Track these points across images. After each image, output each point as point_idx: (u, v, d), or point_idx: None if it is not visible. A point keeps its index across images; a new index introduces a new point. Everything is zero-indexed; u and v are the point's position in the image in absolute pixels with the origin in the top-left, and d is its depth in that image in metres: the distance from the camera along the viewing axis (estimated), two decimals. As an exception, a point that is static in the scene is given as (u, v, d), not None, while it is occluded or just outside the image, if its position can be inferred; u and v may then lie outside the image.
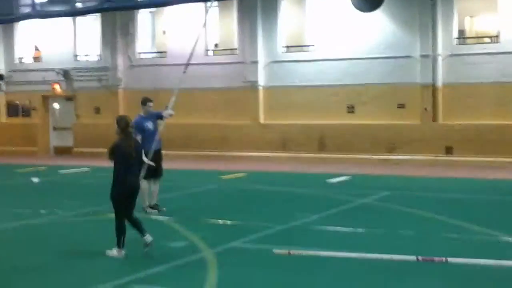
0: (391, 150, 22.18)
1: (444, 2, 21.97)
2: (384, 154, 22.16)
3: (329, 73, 23.44)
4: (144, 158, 11.69)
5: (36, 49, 29.06)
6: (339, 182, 16.71)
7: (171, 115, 12.51)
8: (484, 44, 22.11)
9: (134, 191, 8.99)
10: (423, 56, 22.09)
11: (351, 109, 23.13)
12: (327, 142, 23.06)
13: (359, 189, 15.25)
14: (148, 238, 8.79)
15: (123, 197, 8.84)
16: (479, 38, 22.54)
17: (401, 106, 22.35)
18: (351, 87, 23.10)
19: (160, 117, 12.49)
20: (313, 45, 23.90)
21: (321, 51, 23.55)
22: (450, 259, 8.02)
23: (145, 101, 12.43)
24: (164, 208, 12.20)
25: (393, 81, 22.50)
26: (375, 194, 14.22)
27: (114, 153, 8.88)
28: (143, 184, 11.99)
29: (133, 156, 8.88)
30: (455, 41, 22.10)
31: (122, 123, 9.01)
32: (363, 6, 22.91)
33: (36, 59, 28.97)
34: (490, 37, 22.22)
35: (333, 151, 22.83)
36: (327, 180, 16.90)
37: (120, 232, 8.82)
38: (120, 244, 8.80)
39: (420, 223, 10.98)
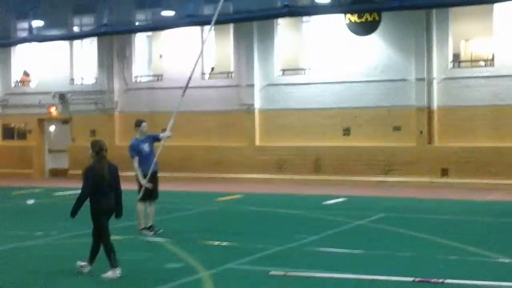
0: (387, 172, 22.22)
1: (439, 26, 22.14)
2: (380, 176, 22.19)
3: (325, 96, 23.54)
4: (142, 180, 11.77)
5: (25, 73, 29.21)
6: (335, 204, 16.70)
7: (168, 137, 12.39)
8: (479, 68, 22.23)
9: (108, 212, 9.13)
10: (418, 79, 22.21)
11: (346, 132, 23.19)
12: (323, 164, 23.09)
13: (355, 211, 15.24)
14: (87, 267, 9.02)
15: (102, 217, 9.06)
16: (474, 62, 22.68)
17: (397, 128, 22.43)
18: (346, 110, 23.19)
19: (157, 139, 12.44)
20: (309, 69, 24.03)
21: (317, 74, 23.68)
22: (446, 281, 8.01)
23: (139, 123, 12.37)
24: (160, 230, 12.15)
25: (388, 104, 22.61)
26: (371, 216, 14.21)
27: (87, 175, 8.99)
28: (139, 206, 12.02)
29: (106, 179, 9.00)
30: (450, 65, 22.25)
31: (97, 147, 9.16)
32: (358, 30, 23.12)
33: (24, 83, 29.14)
34: (485, 60, 22.36)
35: (329, 173, 22.86)
36: (323, 202, 16.88)
37: (109, 252, 8.88)
38: (113, 264, 8.80)
39: (416, 244, 10.95)
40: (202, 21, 24.53)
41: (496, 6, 21.22)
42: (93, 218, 9.07)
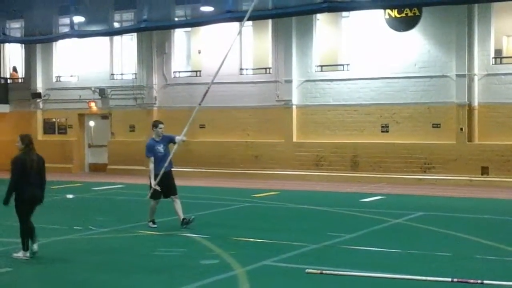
0: (425, 170, 21.95)
1: (481, 21, 21.76)
2: (418, 174, 21.94)
3: (363, 92, 23.36)
4: (153, 181, 11.93)
5: (14, 69, 30.32)
6: (372, 202, 16.57)
7: (183, 141, 12.67)
8: (521, 64, 21.82)
9: (33, 200, 9.79)
10: (459, 76, 21.88)
11: (385, 128, 22.98)
12: (360, 161, 22.93)
13: (393, 209, 15.09)
14: (35, 247, 9.67)
15: (23, 204, 9.67)
16: (515, 58, 22.25)
17: (437, 125, 22.14)
18: (385, 106, 22.98)
19: (172, 141, 12.62)
20: (347, 64, 23.86)
21: (356, 70, 23.50)
22: (485, 281, 7.88)
23: (156, 124, 12.59)
24: (192, 216, 12.40)
25: (428, 101, 22.34)
26: (409, 215, 14.06)
27: (16, 165, 9.63)
28: (151, 203, 12.42)
29: (33, 169, 9.69)
30: (492, 61, 21.85)
31: (26, 140, 9.85)
32: (398, 25, 22.86)
33: (14, 80, 30.03)
34: (527, 56, 21.91)
35: (367, 170, 22.69)
36: (361, 199, 16.76)
37: (24, 235, 9.68)
38: (24, 247, 9.67)
39: (455, 244, 10.80)
40: (241, 17, 24.53)
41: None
42: (16, 204, 9.66)
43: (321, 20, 24.62)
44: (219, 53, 25.79)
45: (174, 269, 9.01)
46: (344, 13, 23.92)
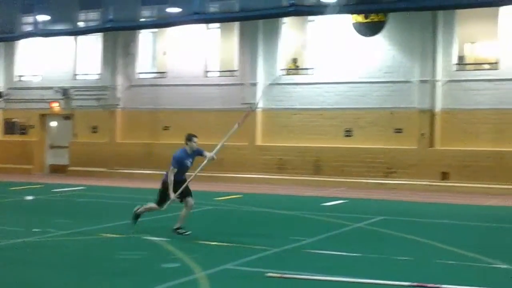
0: (387, 174, 22.16)
1: (445, 28, 22.08)
2: (380, 178, 22.15)
3: (328, 97, 23.50)
4: (171, 193, 11.65)
5: None
6: (334, 206, 16.65)
7: (213, 159, 12.03)
8: (483, 71, 22.20)
9: None
10: (422, 81, 22.17)
11: (348, 133, 23.15)
12: (323, 165, 23.05)
13: (355, 213, 15.18)
14: None
15: None
16: (478, 65, 22.63)
17: (399, 130, 22.38)
18: (349, 111, 23.15)
19: (201, 155, 12.06)
20: (312, 68, 23.97)
21: (321, 74, 23.64)
22: (443, 286, 7.95)
23: (190, 138, 11.97)
24: (188, 232, 11.84)
25: (391, 106, 22.58)
26: (370, 219, 14.16)
27: None
28: (152, 205, 12.05)
29: None
30: (455, 67, 22.17)
31: None
32: (364, 31, 23.05)
33: None
34: (489, 63, 22.29)
35: (330, 174, 22.82)
36: (323, 203, 16.83)
37: None
38: None
39: (414, 248, 10.90)
40: (208, 19, 24.54)
41: (502, 9, 21.15)
42: None
43: (288, 24, 24.70)
44: (185, 54, 25.76)
45: (134, 272, 8.91)
46: (310, 17, 24.06)
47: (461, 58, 22.69)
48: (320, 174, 23.00)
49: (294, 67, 24.73)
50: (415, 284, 8.06)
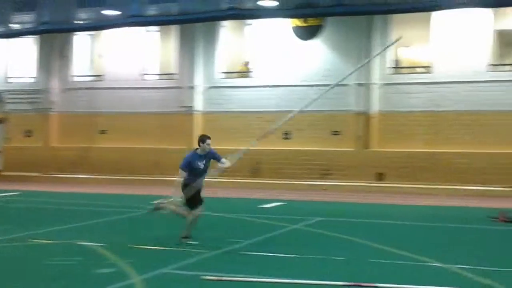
0: (324, 176, 22.39)
1: (380, 32, 22.49)
2: (318, 180, 22.36)
3: (267, 99, 23.61)
4: (176, 192, 11.26)
5: None
6: (271, 208, 16.70)
7: (227, 167, 11.54)
8: (417, 74, 22.69)
9: None
10: (358, 85, 22.50)
11: (287, 136, 23.29)
12: (262, 167, 23.12)
13: (292, 215, 15.26)
14: None
15: None
16: (412, 68, 23.11)
17: (336, 133, 22.66)
18: (288, 114, 23.26)
19: (216, 159, 11.51)
20: (251, 71, 24.04)
21: (259, 77, 23.73)
22: (379, 285, 8.06)
23: (203, 139, 11.38)
24: (192, 242, 11.38)
25: (329, 109, 22.82)
26: (308, 220, 14.25)
27: None
28: (187, 215, 11.46)
29: None
30: (390, 71, 22.59)
31: None
32: (303, 34, 23.26)
33: None
34: (423, 67, 22.81)
35: (268, 177, 22.91)
36: (261, 205, 16.85)
37: None
38: None
39: (350, 248, 11.02)
40: (146, 22, 24.31)
41: (434, 14, 21.67)
42: None
43: (227, 27, 24.71)
44: (123, 57, 25.45)
45: (68, 278, 8.71)
46: (248, 21, 24.14)
47: (396, 62, 23.15)
48: (260, 176, 23.07)
49: (247, 70, 24.72)
50: (350, 283, 8.14)
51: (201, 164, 11.33)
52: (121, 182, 23.60)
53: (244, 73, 24.65)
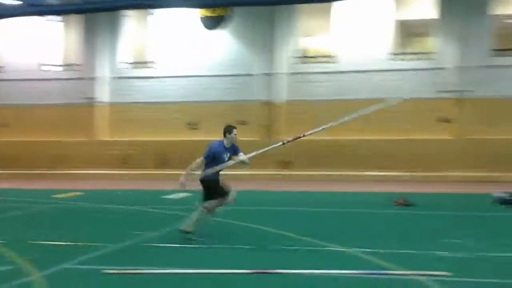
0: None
1: (285, 23, 22.70)
2: (226, 169, 22.34)
3: (172, 90, 23.41)
4: (186, 173, 10.46)
5: None
6: (176, 199, 16.57)
7: (244, 162, 10.86)
8: (322, 64, 23.04)
9: None
10: (264, 74, 22.67)
11: (193, 126, 23.18)
12: (169, 159, 22.92)
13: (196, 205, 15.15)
14: None
15: None
16: (317, 58, 23.45)
17: (243, 122, 22.73)
18: (194, 104, 23.18)
19: (236, 153, 10.85)
20: (155, 62, 23.75)
21: (164, 68, 23.48)
22: (283, 271, 8.15)
23: (230, 130, 10.65)
24: (193, 237, 10.60)
25: (235, 98, 22.87)
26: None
27: None
28: (204, 211, 10.72)
29: None
30: (295, 60, 22.85)
31: None
32: (209, 24, 23.16)
33: None
34: (327, 56, 23.18)
35: (176, 168, 22.71)
36: (166, 196, 16.70)
37: None
38: None
39: (257, 236, 11.06)
40: (47, 11, 23.54)
41: (335, 4, 22.07)
42: None
43: (131, 17, 24.31)
44: (23, 48, 24.56)
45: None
46: (151, 10, 23.83)
47: (301, 51, 23.44)
48: (167, 167, 22.86)
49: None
50: (255, 271, 8.19)
51: (226, 157, 10.60)
52: (22, 177, 22.84)
53: (148, 63, 24.33)
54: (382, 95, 21.96)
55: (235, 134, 10.62)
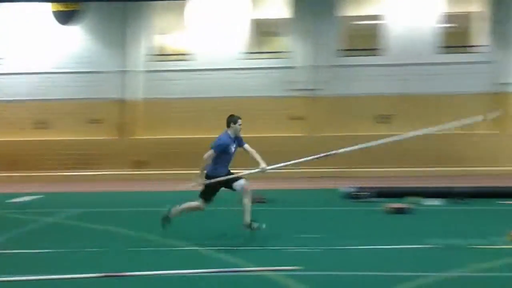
0: (85, 166, 21.81)
1: (137, 20, 22.36)
2: (77, 170, 21.69)
3: (20, 87, 22.39)
4: (200, 179, 10.08)
5: None
6: (26, 202, 15.80)
7: (263, 171, 10.45)
8: (178, 62, 22.93)
9: None
10: (117, 72, 22.23)
11: (43, 125, 22.32)
12: (19, 160, 21.88)
13: (48, 208, 14.55)
14: None
15: None
16: (173, 56, 23.32)
17: (96, 121, 22.18)
18: (44, 102, 22.28)
19: (240, 144, 10.38)
20: (2, 58, 22.63)
21: (11, 64, 22.41)
22: (134, 273, 8.02)
23: (235, 120, 10.18)
24: (257, 225, 10.23)
25: (88, 96, 22.27)
26: (66, 212, 13.69)
27: None
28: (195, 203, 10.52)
29: None
30: (150, 58, 22.57)
31: None
32: (61, 19, 22.33)
33: None
34: (184, 54, 23.11)
35: (25, 169, 21.72)
36: (11, 200, 15.87)
37: None
38: None
39: (110, 239, 10.76)
40: None
41: (189, 2, 22.07)
42: None
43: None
44: None
45: None
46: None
47: (156, 49, 23.18)
48: (17, 169, 21.77)
49: None
50: (104, 274, 7.98)
51: (233, 148, 10.24)
52: None
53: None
54: (232, 93, 22.21)
55: (240, 125, 10.26)
